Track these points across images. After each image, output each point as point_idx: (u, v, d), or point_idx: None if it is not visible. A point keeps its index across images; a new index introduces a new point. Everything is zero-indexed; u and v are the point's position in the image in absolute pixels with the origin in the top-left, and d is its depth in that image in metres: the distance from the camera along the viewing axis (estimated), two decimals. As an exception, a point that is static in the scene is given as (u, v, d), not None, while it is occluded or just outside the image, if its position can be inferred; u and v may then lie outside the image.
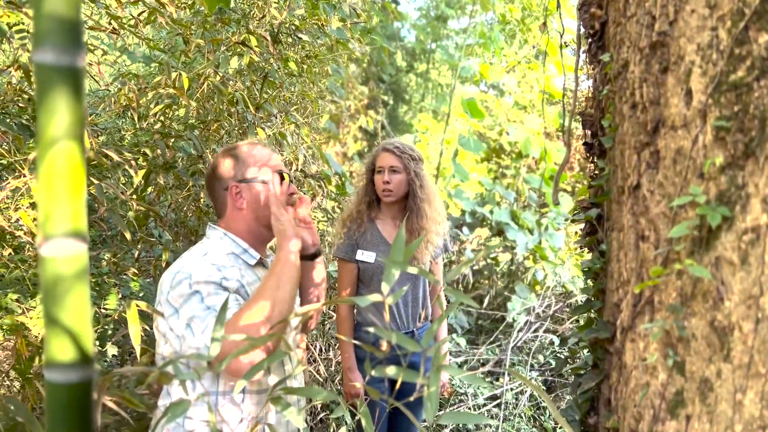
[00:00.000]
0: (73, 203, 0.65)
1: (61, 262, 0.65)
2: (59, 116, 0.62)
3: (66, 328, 0.66)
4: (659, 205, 1.42)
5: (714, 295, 1.18)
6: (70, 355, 0.66)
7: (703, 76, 1.29)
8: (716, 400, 1.15)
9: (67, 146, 0.63)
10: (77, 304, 0.66)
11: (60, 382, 0.67)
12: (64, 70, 0.62)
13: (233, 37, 2.88)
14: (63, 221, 0.65)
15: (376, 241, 2.85)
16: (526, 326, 4.92)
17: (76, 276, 0.66)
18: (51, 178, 0.62)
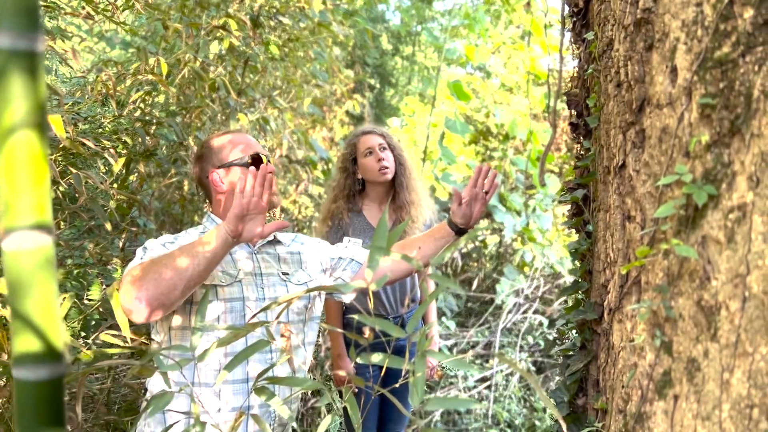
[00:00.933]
0: (35, 194, 0.62)
1: (25, 256, 0.62)
2: (17, 103, 0.59)
3: (32, 323, 0.64)
4: (645, 184, 1.41)
5: (701, 275, 1.17)
6: (38, 352, 0.64)
7: (688, 53, 1.27)
8: (704, 379, 1.14)
9: (27, 134, 0.60)
10: (43, 299, 0.64)
11: (29, 380, 0.64)
12: (21, 55, 0.59)
13: (213, 21, 2.83)
14: (25, 213, 0.62)
15: (363, 227, 2.82)
16: (515, 308, 4.93)
17: (42, 269, 0.63)
18: (10, 168, 0.60)
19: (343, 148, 2.89)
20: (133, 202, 2.48)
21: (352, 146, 2.84)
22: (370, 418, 2.89)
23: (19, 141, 0.60)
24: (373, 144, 2.77)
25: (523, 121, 6.30)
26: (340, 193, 2.84)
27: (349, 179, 2.84)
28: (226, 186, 1.93)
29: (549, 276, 5.37)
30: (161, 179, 2.83)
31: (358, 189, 2.86)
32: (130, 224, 2.76)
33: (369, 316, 2.99)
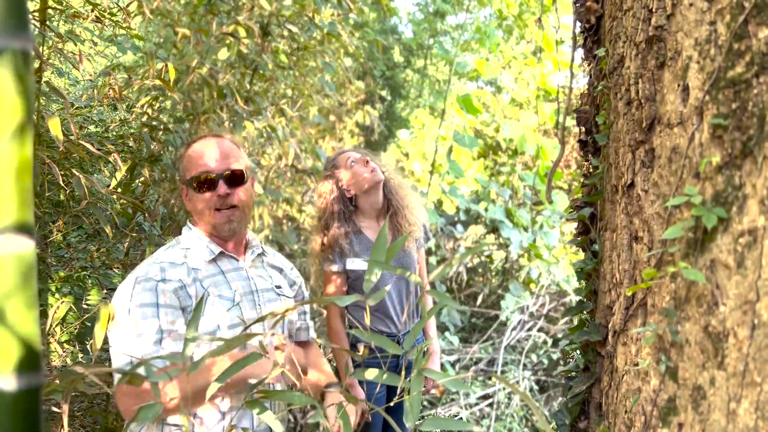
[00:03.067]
0: (16, 194, 0.60)
1: (3, 260, 0.60)
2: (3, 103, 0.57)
3: (10, 331, 0.61)
4: (654, 205, 1.37)
5: (709, 300, 1.14)
6: (15, 361, 0.62)
7: (700, 71, 1.24)
8: (709, 408, 1.10)
9: (11, 133, 0.58)
10: (22, 306, 0.62)
11: (3, 391, 0.62)
12: (6, 53, 0.57)
13: (222, 28, 2.83)
14: (5, 215, 0.60)
15: (365, 245, 2.73)
16: (519, 325, 4.88)
17: (21, 274, 0.61)
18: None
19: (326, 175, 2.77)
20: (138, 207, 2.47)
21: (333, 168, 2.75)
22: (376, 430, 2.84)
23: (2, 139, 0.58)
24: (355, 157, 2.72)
25: (532, 136, 6.28)
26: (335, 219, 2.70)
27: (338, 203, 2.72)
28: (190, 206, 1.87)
29: (555, 294, 5.31)
30: (166, 185, 2.82)
31: (351, 209, 2.76)
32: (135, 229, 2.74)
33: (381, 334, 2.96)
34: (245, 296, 1.82)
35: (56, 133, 1.38)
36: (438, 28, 9.49)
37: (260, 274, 1.92)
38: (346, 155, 2.75)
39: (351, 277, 2.70)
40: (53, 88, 1.72)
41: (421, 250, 2.96)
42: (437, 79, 11.39)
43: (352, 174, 2.68)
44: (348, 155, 2.75)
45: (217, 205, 1.78)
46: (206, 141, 1.83)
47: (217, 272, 1.82)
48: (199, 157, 1.79)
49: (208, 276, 1.79)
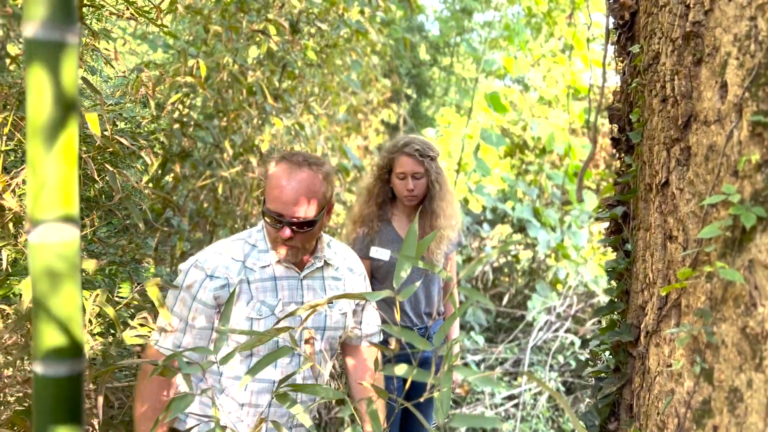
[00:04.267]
0: (63, 186, 0.61)
1: (51, 249, 0.61)
2: (48, 94, 0.58)
3: (56, 319, 0.63)
4: (689, 203, 1.35)
5: (746, 300, 1.12)
6: (59, 348, 0.63)
7: (739, 68, 1.22)
8: (746, 411, 1.08)
9: (58, 126, 0.59)
10: (68, 294, 0.63)
11: (48, 375, 0.63)
12: (54, 46, 0.59)
13: (252, 25, 2.85)
14: (53, 205, 0.61)
15: (391, 238, 2.81)
16: (546, 326, 4.83)
17: (67, 263, 0.62)
18: (38, 160, 0.59)
19: (381, 158, 2.86)
20: (168, 202, 2.50)
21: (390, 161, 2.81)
22: (394, 429, 2.86)
23: (50, 132, 0.59)
24: (407, 170, 2.73)
25: (561, 135, 6.21)
26: (372, 199, 2.83)
27: (383, 188, 2.83)
28: None
29: (582, 294, 5.25)
30: (196, 181, 2.85)
31: (390, 197, 2.87)
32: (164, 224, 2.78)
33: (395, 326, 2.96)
34: (289, 306, 1.85)
35: (94, 128, 1.41)
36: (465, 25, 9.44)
37: (315, 286, 1.93)
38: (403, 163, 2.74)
39: (374, 265, 2.80)
40: (89, 84, 1.75)
41: (450, 255, 3.00)
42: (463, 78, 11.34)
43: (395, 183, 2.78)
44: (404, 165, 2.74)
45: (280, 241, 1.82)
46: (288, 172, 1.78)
47: (269, 278, 1.86)
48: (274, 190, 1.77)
49: (259, 279, 1.85)
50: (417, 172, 2.72)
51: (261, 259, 1.87)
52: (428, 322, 2.85)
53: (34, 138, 0.60)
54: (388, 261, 2.77)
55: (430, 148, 2.82)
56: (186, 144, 2.42)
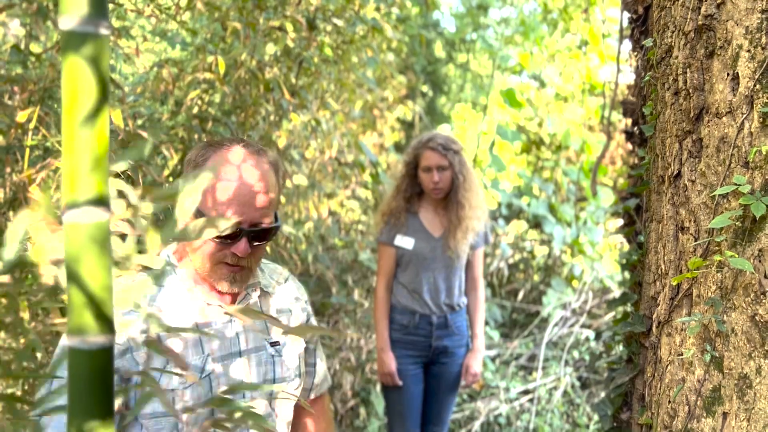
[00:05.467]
0: (95, 170, 0.65)
1: (84, 229, 0.65)
2: (83, 83, 0.62)
3: (88, 295, 0.66)
4: (701, 195, 1.37)
5: (756, 289, 1.13)
6: (92, 323, 0.67)
7: (751, 60, 1.23)
8: (755, 397, 1.10)
9: (91, 113, 0.63)
10: (99, 272, 0.67)
11: (82, 349, 0.67)
12: (89, 37, 0.62)
13: (269, 22, 2.89)
14: (87, 189, 0.65)
15: (416, 228, 2.93)
16: (561, 321, 4.84)
17: (98, 243, 0.66)
18: (72, 144, 0.63)
19: (407, 155, 2.99)
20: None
21: (416, 157, 2.94)
22: (413, 420, 2.93)
23: (85, 118, 0.63)
24: (432, 164, 2.86)
25: (576, 131, 6.20)
26: (400, 194, 2.96)
27: (410, 183, 2.96)
28: None
29: (598, 290, 5.25)
30: (214, 176, 2.90)
31: (417, 192, 2.99)
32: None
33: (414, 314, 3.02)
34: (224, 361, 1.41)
35: (118, 122, 1.45)
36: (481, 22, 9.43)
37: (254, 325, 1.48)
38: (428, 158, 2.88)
39: (397, 253, 2.94)
40: (111, 81, 1.80)
41: (477, 250, 3.09)
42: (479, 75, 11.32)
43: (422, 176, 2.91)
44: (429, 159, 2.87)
45: (229, 261, 1.35)
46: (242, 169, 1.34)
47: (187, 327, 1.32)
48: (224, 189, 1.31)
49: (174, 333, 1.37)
50: (441, 165, 2.84)
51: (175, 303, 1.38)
52: (448, 312, 2.93)
53: (69, 123, 0.63)
54: (411, 250, 2.90)
55: (453, 141, 2.94)
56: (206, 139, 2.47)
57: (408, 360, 2.93)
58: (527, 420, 3.89)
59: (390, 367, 2.88)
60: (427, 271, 2.89)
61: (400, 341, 2.93)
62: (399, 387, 2.90)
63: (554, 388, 4.24)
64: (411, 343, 2.93)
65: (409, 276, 2.91)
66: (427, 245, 2.88)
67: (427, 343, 2.93)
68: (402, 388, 2.91)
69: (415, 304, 2.92)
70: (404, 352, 2.92)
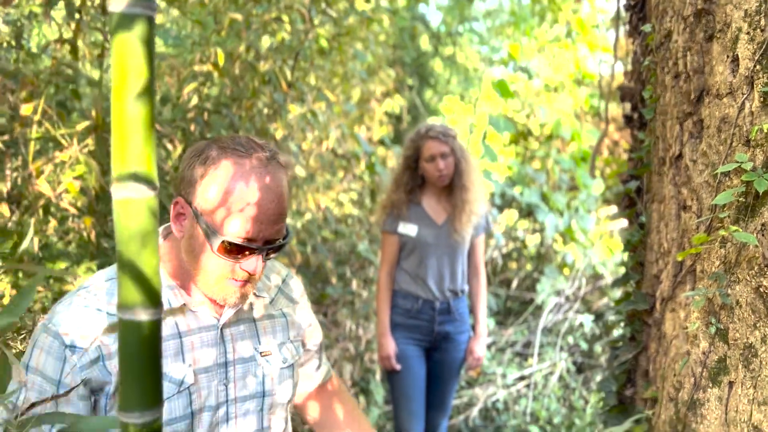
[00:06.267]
0: (143, 150, 0.67)
1: (133, 205, 0.68)
2: (132, 62, 0.64)
3: (137, 269, 0.69)
4: (702, 174, 1.41)
5: (760, 262, 1.18)
6: (141, 295, 0.69)
7: (750, 42, 1.27)
8: (761, 365, 1.14)
9: (142, 91, 0.65)
10: (148, 247, 0.69)
11: (132, 320, 0.69)
12: (136, 18, 0.65)
13: (265, 15, 2.90)
14: (134, 167, 0.67)
15: (419, 215, 2.98)
16: (555, 308, 4.91)
17: (148, 219, 0.68)
18: (125, 122, 0.65)
19: (406, 148, 3.02)
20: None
21: (416, 149, 2.97)
22: (418, 401, 2.96)
23: (134, 97, 0.65)
24: (435, 152, 2.90)
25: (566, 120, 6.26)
26: (401, 186, 3.00)
27: (411, 175, 3.00)
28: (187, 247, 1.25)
29: (591, 277, 5.33)
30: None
31: (419, 183, 3.03)
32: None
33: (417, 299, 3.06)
34: (208, 372, 1.28)
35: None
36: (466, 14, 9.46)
37: (244, 335, 1.35)
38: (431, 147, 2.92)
39: (400, 240, 2.99)
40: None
41: (479, 236, 3.13)
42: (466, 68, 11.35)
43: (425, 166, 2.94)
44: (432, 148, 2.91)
45: (236, 277, 1.24)
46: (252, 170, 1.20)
47: (169, 335, 1.25)
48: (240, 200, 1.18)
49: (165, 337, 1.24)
50: (444, 152, 2.89)
51: None
52: (451, 298, 2.97)
53: (119, 101, 0.66)
54: (414, 236, 2.95)
55: (449, 128, 3.00)
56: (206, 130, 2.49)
57: (410, 342, 2.99)
58: (524, 405, 3.95)
59: (388, 350, 2.92)
60: (431, 257, 2.93)
61: (402, 325, 2.98)
62: (403, 369, 2.95)
63: (550, 374, 4.31)
64: (413, 328, 2.98)
65: (413, 262, 2.96)
66: (430, 232, 2.93)
67: (429, 329, 2.98)
68: (406, 369, 2.96)
69: (419, 289, 2.97)
70: (407, 336, 2.96)
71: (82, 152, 1.94)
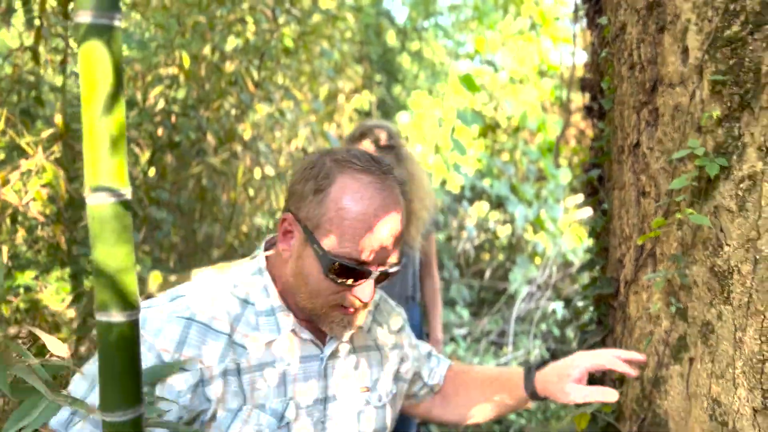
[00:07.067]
0: (116, 154, 0.69)
1: (105, 210, 0.69)
2: (100, 71, 0.66)
3: (112, 271, 0.71)
4: (659, 161, 1.47)
5: (714, 242, 1.23)
6: (117, 297, 0.71)
7: (699, 33, 1.33)
8: (717, 340, 1.20)
9: (109, 99, 0.67)
10: (121, 250, 0.71)
11: (109, 322, 0.71)
12: (104, 29, 0.66)
13: (229, 16, 2.90)
14: (107, 172, 0.69)
15: None
16: (527, 297, 5.01)
17: (121, 223, 0.70)
18: (95, 130, 0.67)
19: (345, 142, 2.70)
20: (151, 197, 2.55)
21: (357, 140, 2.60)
22: None
23: (103, 106, 0.67)
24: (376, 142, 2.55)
25: (532, 112, 6.36)
26: None
27: None
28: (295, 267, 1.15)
29: (561, 265, 5.44)
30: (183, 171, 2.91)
31: None
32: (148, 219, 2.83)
33: None
34: (307, 408, 1.18)
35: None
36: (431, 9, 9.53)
37: (347, 370, 1.25)
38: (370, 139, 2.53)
39: None
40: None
41: (430, 236, 2.95)
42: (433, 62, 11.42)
43: None
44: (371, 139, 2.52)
45: (345, 303, 1.14)
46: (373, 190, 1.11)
47: (270, 361, 1.15)
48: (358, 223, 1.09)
49: (256, 367, 1.14)
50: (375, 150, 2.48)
51: (262, 329, 1.16)
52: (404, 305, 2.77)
53: (89, 110, 0.67)
54: None
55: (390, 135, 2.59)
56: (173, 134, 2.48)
57: None
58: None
59: None
60: None
61: None
62: None
63: (525, 361, 4.39)
64: None
65: None
66: None
67: None
68: None
69: None
70: None
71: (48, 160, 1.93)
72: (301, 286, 1.14)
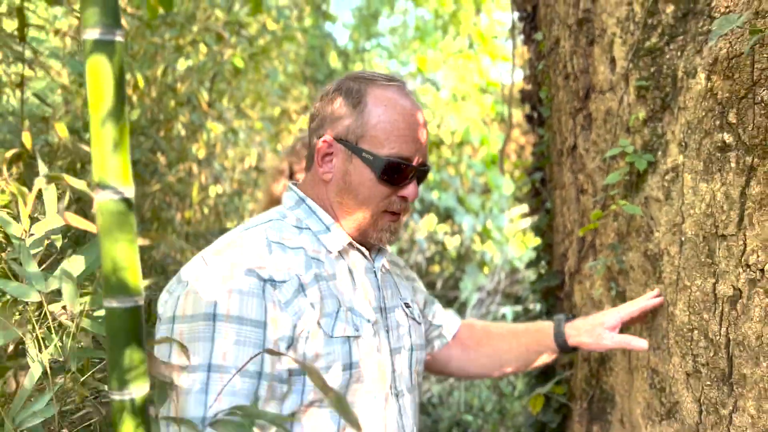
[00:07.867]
0: (120, 155, 0.76)
1: (112, 206, 0.76)
2: (105, 82, 0.74)
3: (119, 261, 0.78)
4: (594, 160, 1.62)
5: (645, 229, 1.38)
6: (123, 286, 0.78)
7: (623, 45, 1.49)
8: (653, 316, 1.34)
9: (114, 106, 0.75)
10: (127, 241, 0.78)
11: (117, 307, 0.78)
12: (108, 45, 0.74)
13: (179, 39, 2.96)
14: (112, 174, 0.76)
15: None
16: (478, 303, 5.17)
17: (125, 218, 0.77)
18: (102, 135, 0.74)
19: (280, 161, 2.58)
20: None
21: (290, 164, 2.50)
22: None
23: (109, 111, 0.75)
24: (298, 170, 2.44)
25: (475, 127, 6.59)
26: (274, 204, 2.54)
27: None
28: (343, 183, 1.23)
29: (509, 271, 5.64)
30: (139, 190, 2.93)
31: None
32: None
33: None
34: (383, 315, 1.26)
35: (63, 135, 1.51)
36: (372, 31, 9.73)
37: (389, 284, 1.34)
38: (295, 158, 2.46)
39: None
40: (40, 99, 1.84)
41: None
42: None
43: None
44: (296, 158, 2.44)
45: (393, 208, 1.23)
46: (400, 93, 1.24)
47: (344, 271, 1.22)
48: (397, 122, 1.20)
49: (335, 275, 1.20)
50: None
51: (328, 243, 1.22)
52: None
53: (96, 116, 0.75)
54: None
55: None
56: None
57: None
58: (458, 396, 4.13)
59: None
60: None
61: None
62: None
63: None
64: None
65: None
66: None
67: None
68: None
69: None
70: None
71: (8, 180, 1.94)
72: (350, 200, 1.22)
